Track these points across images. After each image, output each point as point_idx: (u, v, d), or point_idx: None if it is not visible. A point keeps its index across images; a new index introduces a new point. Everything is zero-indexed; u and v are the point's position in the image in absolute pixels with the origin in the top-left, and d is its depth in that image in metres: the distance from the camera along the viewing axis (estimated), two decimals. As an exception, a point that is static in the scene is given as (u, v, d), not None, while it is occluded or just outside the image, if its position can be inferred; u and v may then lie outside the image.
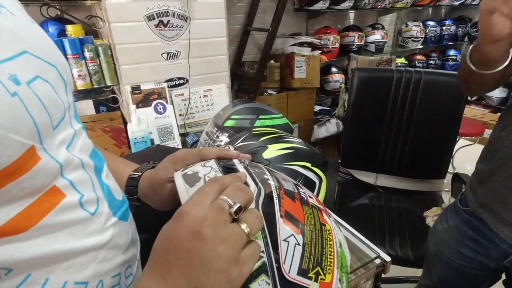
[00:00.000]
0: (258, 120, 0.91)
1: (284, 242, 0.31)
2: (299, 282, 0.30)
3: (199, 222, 0.26)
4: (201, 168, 0.36)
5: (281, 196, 0.34)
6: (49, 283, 0.26)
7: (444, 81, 1.27)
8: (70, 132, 0.30)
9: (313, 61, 2.02)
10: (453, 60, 3.06)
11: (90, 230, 0.30)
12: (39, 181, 0.25)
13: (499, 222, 0.70)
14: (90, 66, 1.18)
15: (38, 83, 0.25)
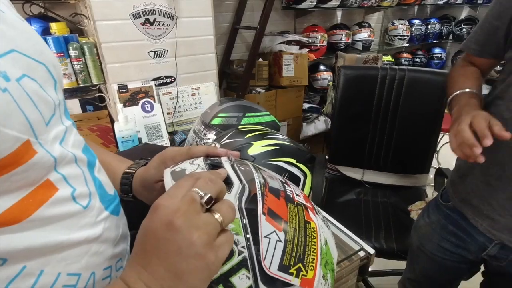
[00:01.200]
0: (244, 118, 0.92)
1: (266, 239, 0.32)
2: (279, 277, 0.31)
3: (171, 213, 0.27)
4: (188, 166, 0.37)
5: (266, 193, 0.35)
6: (44, 274, 0.27)
7: (427, 78, 1.30)
8: (61, 129, 0.31)
9: (301, 59, 2.03)
10: (438, 58, 3.12)
11: (82, 224, 0.31)
12: (33, 174, 0.26)
13: (478, 215, 0.73)
14: (76, 64, 1.17)
15: (25, 81, 0.26)
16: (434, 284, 0.94)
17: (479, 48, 0.76)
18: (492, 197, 0.69)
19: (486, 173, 0.70)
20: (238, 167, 0.38)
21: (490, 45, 0.72)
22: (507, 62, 0.67)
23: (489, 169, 0.69)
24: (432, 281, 0.93)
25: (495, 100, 0.69)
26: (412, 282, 0.98)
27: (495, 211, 0.69)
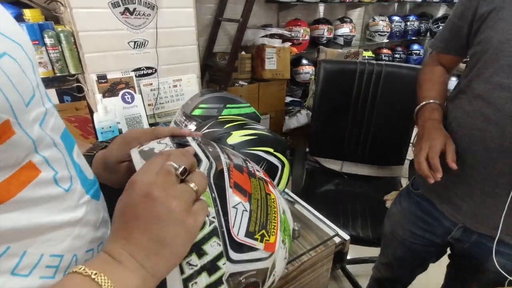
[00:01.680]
0: (225, 109, 0.93)
1: (233, 209, 0.35)
2: (246, 242, 0.34)
3: (149, 185, 0.29)
4: (156, 145, 0.38)
5: (231, 169, 0.38)
6: (27, 255, 0.28)
7: (403, 73, 1.36)
8: (42, 110, 0.31)
9: (284, 53, 2.05)
10: (417, 55, 3.22)
11: (64, 206, 0.31)
12: (13, 155, 0.26)
13: (444, 202, 0.78)
14: (52, 53, 1.14)
15: (6, 60, 0.26)
16: (405, 267, 1.00)
17: (444, 46, 0.81)
18: (456, 186, 0.74)
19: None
20: (204, 146, 0.40)
21: (454, 43, 0.77)
22: (470, 59, 0.71)
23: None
24: (403, 264, 0.99)
25: (459, 94, 0.73)
26: (385, 266, 1.04)
27: (459, 198, 0.74)
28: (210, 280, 0.32)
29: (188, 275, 0.31)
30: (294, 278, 0.70)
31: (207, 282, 0.32)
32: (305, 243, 0.73)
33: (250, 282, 0.35)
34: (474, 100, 0.68)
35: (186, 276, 0.31)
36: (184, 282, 0.31)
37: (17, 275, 0.27)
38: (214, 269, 0.32)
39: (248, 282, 0.35)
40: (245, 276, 0.35)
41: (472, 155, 0.69)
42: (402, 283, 1.07)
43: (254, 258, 0.35)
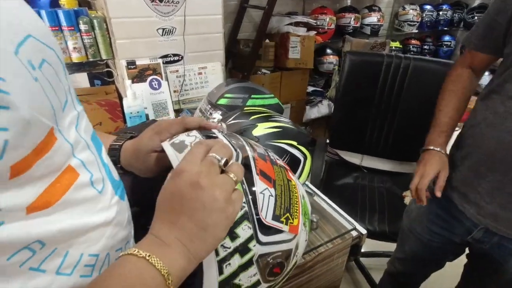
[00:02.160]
0: (250, 100, 0.95)
1: (261, 194, 0.37)
2: (273, 225, 0.37)
3: (195, 175, 0.31)
4: (186, 137, 0.41)
5: (256, 158, 0.41)
6: (69, 255, 0.29)
7: (432, 68, 1.31)
8: (74, 114, 0.32)
9: (308, 42, 2.02)
10: (447, 46, 3.07)
11: (99, 207, 0.33)
12: (57, 160, 0.27)
13: (466, 202, 0.77)
14: (85, 39, 1.19)
15: (46, 67, 0.26)
16: (421, 263, 1.00)
17: (479, 43, 0.78)
18: (480, 186, 0.73)
19: (476, 163, 0.74)
20: (229, 138, 0.43)
21: (489, 41, 0.74)
22: (505, 58, 0.69)
23: (479, 159, 0.73)
24: (419, 260, 0.99)
25: (491, 93, 0.71)
26: (401, 261, 1.05)
27: (481, 199, 0.73)
28: (242, 261, 0.35)
29: (222, 257, 0.34)
30: (310, 267, 0.72)
31: (239, 262, 0.35)
32: (322, 234, 0.75)
33: (276, 263, 0.38)
34: (508, 101, 0.66)
35: (221, 258, 0.34)
36: (219, 263, 0.34)
37: (61, 274, 0.29)
38: (245, 250, 0.35)
39: (275, 263, 0.38)
40: (272, 257, 0.38)
41: (500, 158, 0.68)
42: (416, 279, 1.08)
43: (280, 240, 0.38)
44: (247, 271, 0.36)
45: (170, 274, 0.29)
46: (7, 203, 0.23)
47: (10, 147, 0.21)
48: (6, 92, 0.20)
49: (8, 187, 0.23)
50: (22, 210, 0.24)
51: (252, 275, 0.37)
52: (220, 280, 0.35)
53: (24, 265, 0.25)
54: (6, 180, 0.22)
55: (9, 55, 0.22)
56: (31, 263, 0.26)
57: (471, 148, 0.75)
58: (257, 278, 0.38)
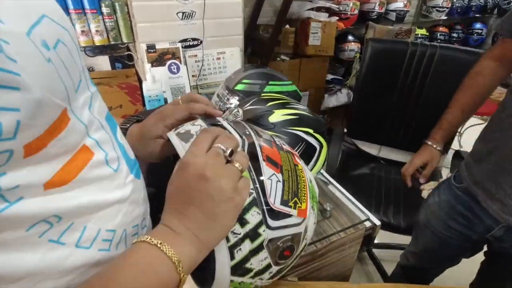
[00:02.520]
0: (267, 86, 0.94)
1: (268, 180, 0.38)
2: (282, 210, 0.38)
3: (201, 167, 0.32)
4: (191, 127, 0.41)
5: (262, 144, 0.41)
6: (87, 230, 0.31)
7: (459, 57, 1.25)
8: (88, 95, 0.32)
9: (329, 28, 1.97)
10: (478, 34, 2.90)
11: (114, 185, 0.34)
12: (72, 140, 0.28)
13: (490, 198, 0.74)
14: (107, 22, 1.20)
15: (60, 47, 0.27)
16: (435, 259, 0.99)
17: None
18: (506, 182, 0.70)
19: (502, 159, 0.71)
20: (235, 125, 0.43)
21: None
22: None
23: (506, 155, 0.70)
24: (433, 255, 0.98)
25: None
26: (414, 255, 1.03)
27: (507, 195, 0.70)
28: (252, 246, 0.36)
29: (233, 243, 0.35)
30: (321, 255, 0.73)
31: (250, 248, 0.36)
32: (335, 223, 0.75)
33: (286, 246, 0.39)
34: None
35: (232, 244, 0.35)
36: (230, 249, 0.35)
37: (80, 247, 0.30)
38: (255, 236, 0.36)
39: (285, 246, 0.39)
40: (282, 241, 0.39)
41: None
42: (429, 274, 1.06)
43: (289, 224, 0.39)
44: (258, 255, 0.37)
45: (181, 261, 0.30)
46: (24, 180, 0.24)
47: (23, 127, 0.22)
48: (16, 74, 0.21)
49: (23, 165, 0.23)
50: (39, 187, 0.25)
51: (263, 259, 0.38)
52: (232, 265, 0.36)
53: (43, 236, 0.27)
54: (21, 158, 0.23)
55: (21, 37, 0.22)
56: (50, 235, 0.27)
57: (498, 142, 0.72)
58: (268, 262, 0.39)
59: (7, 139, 0.21)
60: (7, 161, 0.22)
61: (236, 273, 0.37)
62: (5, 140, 0.21)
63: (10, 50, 0.21)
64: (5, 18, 0.21)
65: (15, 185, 0.23)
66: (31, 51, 0.23)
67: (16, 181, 0.23)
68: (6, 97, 0.20)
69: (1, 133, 0.21)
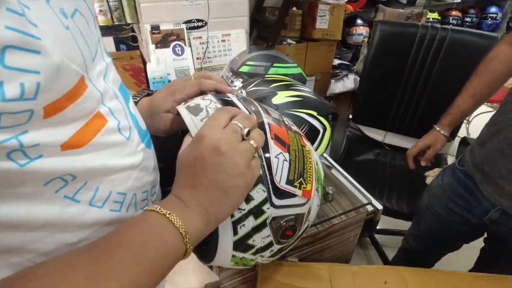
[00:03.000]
0: (272, 68, 0.93)
1: (275, 159, 0.38)
2: (287, 189, 0.38)
3: (217, 140, 0.32)
4: (201, 101, 0.41)
5: (270, 123, 0.41)
6: (100, 190, 0.32)
7: (471, 41, 1.21)
8: (103, 65, 0.33)
9: (338, 11, 1.92)
10: (492, 19, 2.80)
11: (126, 152, 0.35)
12: (88, 106, 0.29)
13: (486, 181, 0.75)
14: (111, 1, 1.19)
15: (77, 17, 0.27)
16: (435, 242, 0.99)
17: None
18: (502, 165, 0.70)
19: (503, 141, 0.71)
20: (244, 102, 0.43)
21: None
22: None
23: (505, 138, 0.70)
24: (433, 238, 0.98)
25: None
26: (415, 238, 1.04)
27: (502, 178, 0.71)
28: (256, 223, 0.37)
29: (237, 218, 0.36)
30: (322, 238, 0.74)
31: (253, 224, 0.37)
32: (337, 207, 0.76)
33: (289, 226, 0.39)
34: None
35: (236, 219, 0.36)
36: (234, 224, 0.36)
37: (94, 205, 0.32)
38: (259, 212, 0.37)
39: (288, 226, 0.39)
40: (285, 220, 0.39)
41: None
42: (429, 257, 1.07)
43: (293, 204, 0.39)
44: (261, 232, 0.38)
45: (188, 233, 0.30)
46: (44, 139, 0.25)
47: (43, 89, 0.23)
48: (37, 38, 0.22)
49: (43, 125, 0.25)
50: (57, 147, 0.27)
51: (265, 236, 0.38)
52: (234, 240, 0.37)
53: (59, 192, 0.29)
54: (41, 119, 0.24)
55: (42, 3, 0.23)
56: (65, 192, 0.29)
57: (501, 125, 0.72)
58: (270, 240, 0.39)
59: (29, 99, 0.22)
60: (28, 120, 0.23)
61: (238, 248, 0.38)
62: (27, 100, 0.22)
63: (31, 14, 0.21)
64: None
65: (35, 143, 0.24)
66: (51, 17, 0.24)
67: (37, 139, 0.24)
68: (28, 60, 0.21)
69: (24, 93, 0.22)
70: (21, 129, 0.23)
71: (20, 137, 0.23)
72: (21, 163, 0.24)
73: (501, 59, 0.83)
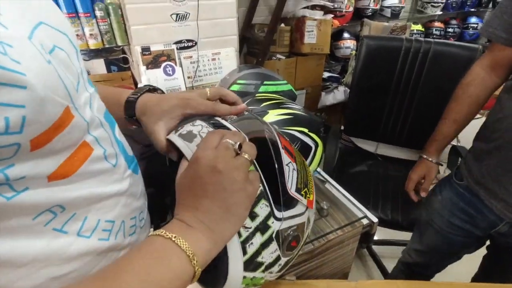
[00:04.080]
0: (262, 86, 0.94)
1: (287, 166, 0.39)
2: (296, 197, 0.39)
3: (213, 160, 0.32)
4: (192, 127, 0.41)
5: (279, 134, 0.43)
6: (88, 220, 0.32)
7: (453, 52, 1.25)
8: (87, 95, 0.34)
9: (325, 26, 1.97)
10: (474, 29, 2.91)
11: (113, 179, 0.35)
12: (74, 136, 0.29)
13: (494, 198, 0.74)
14: (101, 25, 1.20)
15: (57, 52, 0.28)
16: (439, 255, 0.99)
17: (508, 37, 0.70)
18: (508, 182, 0.70)
19: (504, 158, 0.70)
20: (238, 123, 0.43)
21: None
22: None
23: (507, 155, 0.70)
24: (437, 252, 0.97)
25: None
26: (417, 253, 1.03)
27: (510, 195, 0.70)
28: (263, 239, 0.37)
29: (245, 238, 0.36)
30: (319, 254, 0.73)
31: (261, 241, 0.37)
32: (333, 222, 0.76)
33: (293, 236, 0.40)
34: None
35: (244, 239, 0.36)
36: (242, 244, 0.36)
37: (81, 236, 0.32)
38: (265, 228, 0.37)
39: (292, 236, 0.40)
40: (289, 231, 0.39)
41: None
42: (432, 270, 1.06)
43: (294, 214, 0.40)
44: (268, 247, 0.38)
45: (196, 255, 0.30)
46: (30, 172, 0.25)
47: (28, 123, 0.24)
48: (22, 73, 0.22)
49: (30, 158, 0.25)
50: (43, 178, 0.27)
51: (273, 251, 0.38)
52: (244, 260, 0.36)
53: (48, 225, 0.29)
54: (28, 152, 0.25)
55: (24, 40, 0.24)
56: (54, 224, 0.29)
57: (500, 142, 0.71)
58: (277, 254, 0.39)
59: (14, 133, 0.23)
60: (15, 153, 0.24)
61: (248, 268, 0.37)
62: (13, 133, 0.23)
63: (13, 52, 0.22)
64: (8, 24, 0.23)
65: (21, 176, 0.25)
66: (33, 53, 0.25)
67: (23, 172, 0.25)
68: (13, 94, 0.22)
69: (9, 127, 0.22)
70: (8, 163, 0.24)
71: (6, 171, 0.24)
72: (8, 196, 0.25)
73: (478, 84, 0.83)
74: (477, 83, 0.83)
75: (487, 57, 0.81)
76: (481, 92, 0.83)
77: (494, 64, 0.79)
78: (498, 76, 0.80)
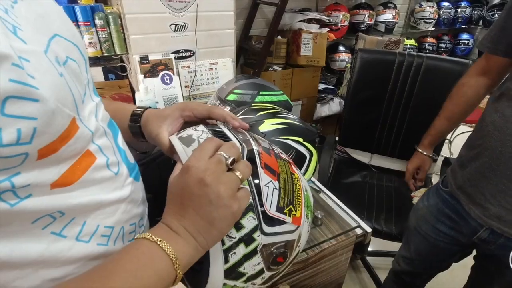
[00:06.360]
0: (258, 96, 0.96)
1: (265, 187, 0.39)
2: (277, 216, 0.39)
3: (202, 172, 0.33)
4: (193, 132, 0.42)
5: (260, 152, 0.42)
6: (87, 225, 0.33)
7: (445, 67, 1.29)
8: (93, 105, 0.35)
9: (320, 39, 2.01)
10: (465, 45, 2.99)
11: (114, 186, 0.36)
12: (79, 145, 0.30)
13: (471, 203, 0.77)
14: (101, 34, 1.22)
15: (69, 63, 0.30)
16: (426, 262, 1.00)
17: (492, 46, 0.78)
18: (485, 188, 0.73)
19: (483, 165, 0.73)
20: (236, 133, 0.44)
21: (502, 43, 0.74)
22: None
23: (485, 162, 0.72)
24: (424, 259, 0.99)
25: (501, 96, 0.71)
26: (406, 260, 1.04)
27: (486, 200, 0.73)
28: (246, 250, 0.37)
29: (228, 246, 0.36)
30: (313, 263, 0.73)
31: (244, 252, 0.37)
32: (326, 231, 0.76)
33: (280, 252, 0.40)
34: None
35: (227, 247, 0.36)
36: (225, 252, 0.36)
37: (80, 240, 0.33)
38: (250, 240, 0.37)
39: (278, 252, 0.40)
40: (276, 247, 0.39)
41: (505, 161, 0.67)
42: (420, 279, 1.07)
43: (284, 231, 0.40)
44: (252, 260, 0.38)
45: (178, 259, 0.31)
46: (34, 180, 0.26)
47: (38, 134, 0.24)
48: (36, 87, 0.23)
49: (35, 166, 0.26)
50: (47, 186, 0.28)
51: (256, 263, 0.39)
52: (225, 268, 0.37)
53: (46, 228, 0.29)
54: (34, 161, 0.26)
55: (41, 55, 0.25)
56: (52, 228, 0.30)
57: (480, 149, 0.75)
58: (261, 267, 0.39)
59: (24, 144, 0.24)
60: (22, 162, 0.25)
61: (229, 276, 0.38)
62: (22, 144, 0.24)
63: (30, 67, 0.23)
64: (27, 38, 0.24)
65: (26, 183, 0.26)
66: (47, 66, 0.26)
67: (28, 180, 0.26)
68: (26, 107, 0.23)
69: (20, 138, 0.23)
70: (15, 171, 0.24)
71: (12, 179, 0.24)
72: (12, 203, 0.25)
73: (471, 85, 0.91)
74: (470, 84, 0.91)
75: (479, 62, 0.88)
76: (475, 93, 0.90)
77: (485, 69, 0.86)
78: (489, 78, 0.87)
